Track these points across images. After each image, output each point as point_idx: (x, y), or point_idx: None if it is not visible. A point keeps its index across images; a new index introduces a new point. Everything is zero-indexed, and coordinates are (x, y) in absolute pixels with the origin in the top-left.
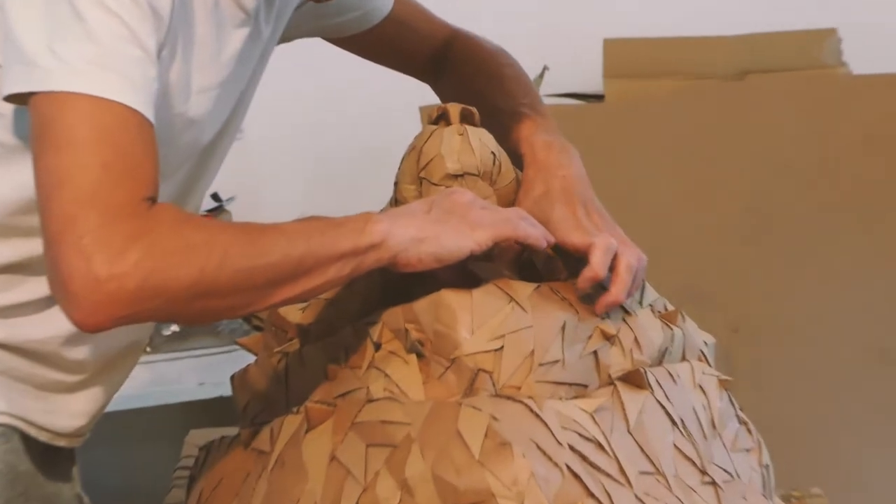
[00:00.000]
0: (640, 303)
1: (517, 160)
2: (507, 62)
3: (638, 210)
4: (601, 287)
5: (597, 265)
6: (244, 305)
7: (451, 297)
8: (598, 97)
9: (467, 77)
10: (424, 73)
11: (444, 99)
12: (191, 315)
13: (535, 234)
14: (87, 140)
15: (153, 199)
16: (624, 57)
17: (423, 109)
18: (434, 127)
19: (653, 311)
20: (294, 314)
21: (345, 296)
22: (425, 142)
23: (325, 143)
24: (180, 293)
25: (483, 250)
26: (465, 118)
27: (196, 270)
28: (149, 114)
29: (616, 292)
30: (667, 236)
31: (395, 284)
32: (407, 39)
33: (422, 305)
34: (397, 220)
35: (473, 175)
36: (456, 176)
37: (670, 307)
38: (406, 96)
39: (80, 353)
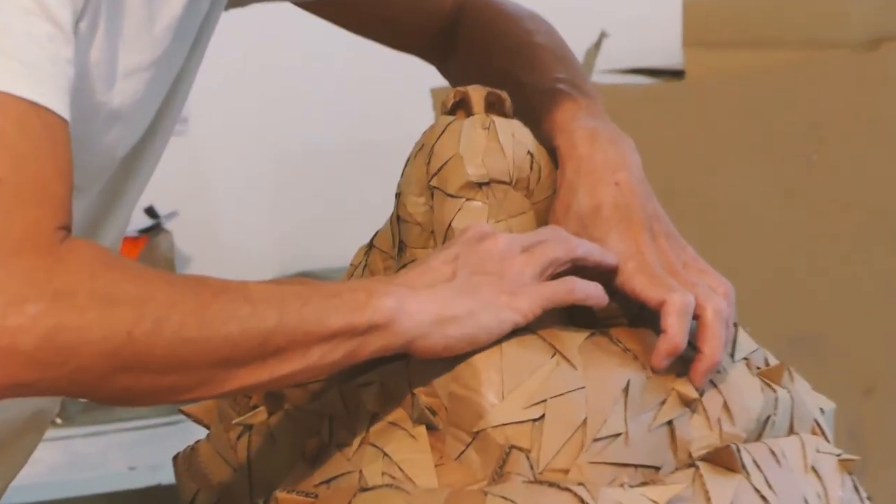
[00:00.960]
0: (732, 355)
1: (552, 156)
2: (539, 28)
3: (729, 220)
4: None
5: (676, 334)
6: (188, 388)
7: (474, 350)
8: (675, 73)
9: (483, 49)
10: (428, 49)
11: (455, 82)
12: (112, 393)
13: (596, 295)
14: None
15: (66, 230)
16: (711, 20)
17: (435, 94)
18: (450, 118)
19: (749, 366)
20: None
21: None
22: (438, 138)
23: (300, 140)
24: (97, 362)
25: (529, 321)
26: (493, 106)
27: (121, 333)
28: (61, 109)
29: (712, 351)
30: (770, 259)
31: None
32: (401, 4)
33: (434, 360)
34: (413, 295)
35: (503, 183)
36: (480, 185)
37: (773, 361)
38: (412, 76)
39: None
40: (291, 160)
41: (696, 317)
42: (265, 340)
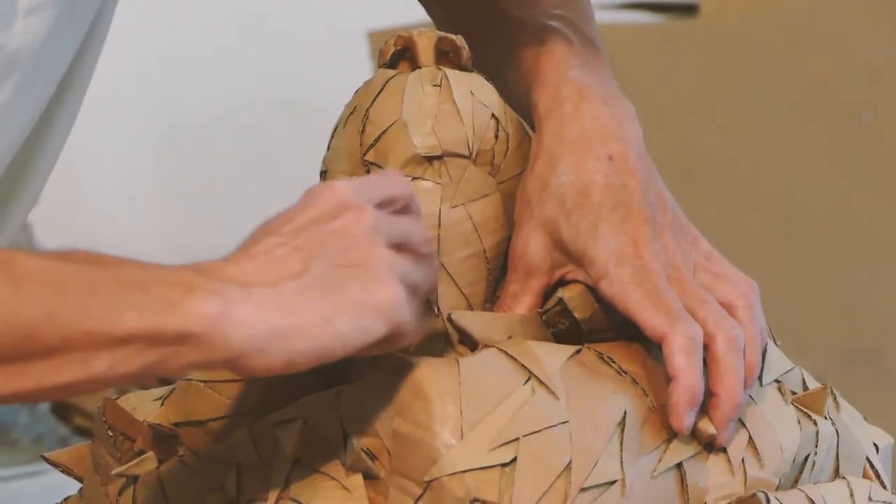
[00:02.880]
0: (760, 378)
1: (528, 117)
2: None
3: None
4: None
5: (689, 378)
6: None
7: (422, 374)
8: (688, 7)
9: None
10: None
11: (436, 23)
12: None
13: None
14: None
15: None
16: None
17: (373, 38)
18: (391, 72)
19: (781, 391)
20: (146, 407)
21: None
22: (375, 98)
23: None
24: None
25: (407, 338)
26: (445, 55)
27: None
28: None
29: (728, 393)
30: (813, 251)
31: None
32: None
33: (372, 389)
34: (247, 297)
35: (461, 157)
36: (430, 159)
37: (813, 383)
38: (343, 15)
39: None
40: (181, 132)
41: (704, 347)
42: (28, 335)
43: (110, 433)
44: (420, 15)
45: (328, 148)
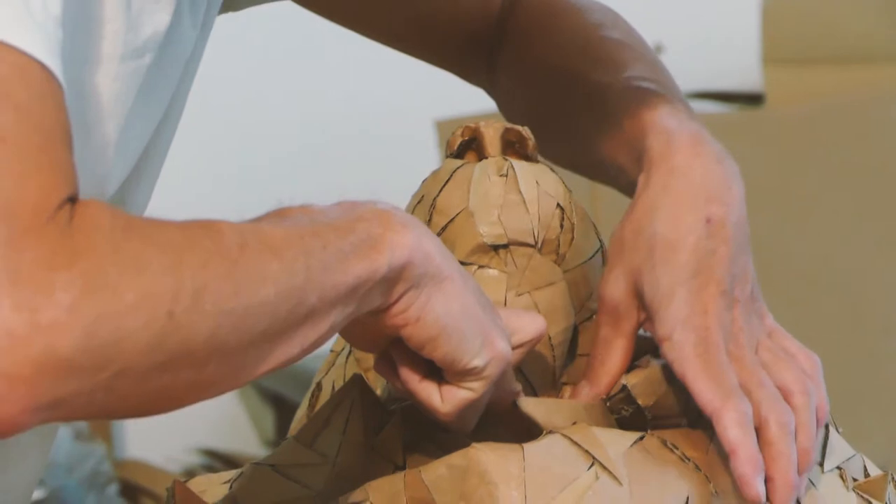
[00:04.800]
0: (822, 465)
1: (624, 183)
2: (611, 21)
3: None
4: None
5: (747, 450)
6: (224, 379)
7: (487, 459)
8: (754, 97)
9: (540, 43)
10: (468, 54)
11: (501, 95)
12: (145, 402)
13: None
14: None
15: (73, 199)
16: (797, 31)
17: (440, 127)
18: (458, 162)
19: (843, 478)
20: (215, 491)
21: (304, 456)
22: (442, 188)
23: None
24: (139, 359)
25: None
26: (511, 145)
27: (161, 316)
28: (57, 68)
29: (783, 477)
30: (875, 338)
31: (393, 432)
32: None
33: (438, 472)
34: (431, 239)
35: (527, 246)
36: (496, 248)
37: (875, 470)
38: (412, 104)
39: None
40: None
41: (757, 431)
42: (299, 302)
43: None
44: (487, 104)
45: None
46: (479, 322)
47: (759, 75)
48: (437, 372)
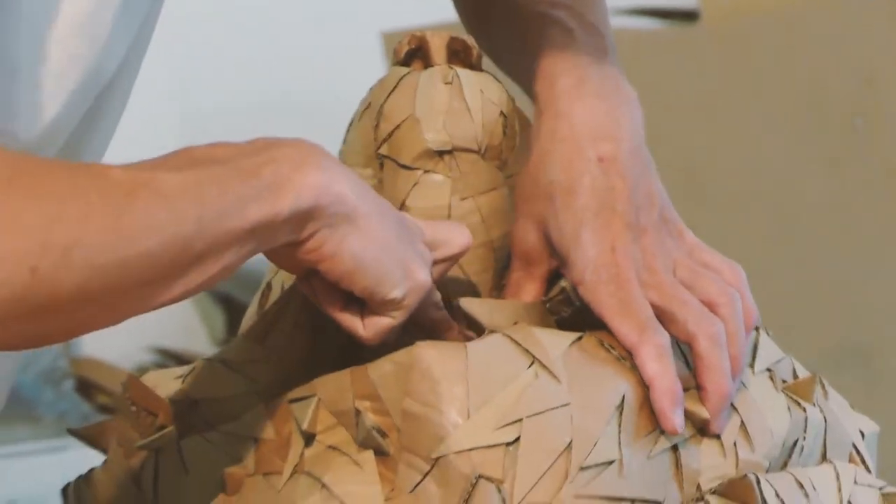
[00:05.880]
0: (752, 366)
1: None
2: None
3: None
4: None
5: (664, 382)
6: (88, 322)
7: (431, 357)
8: (688, 13)
9: None
10: None
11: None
12: (8, 343)
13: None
14: None
15: None
16: None
17: (387, 38)
18: (404, 70)
19: (772, 379)
20: (168, 385)
21: (253, 352)
22: (389, 95)
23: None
24: None
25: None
26: (457, 54)
27: (23, 272)
28: None
29: (716, 387)
30: (807, 250)
31: (338, 331)
32: None
33: (383, 370)
34: (346, 179)
35: (471, 151)
36: (441, 153)
37: (803, 372)
38: (357, 15)
39: None
40: (193, 130)
41: (688, 345)
42: (184, 249)
43: (133, 408)
44: (433, 16)
45: (343, 142)
46: (397, 255)
47: None
48: (357, 299)
